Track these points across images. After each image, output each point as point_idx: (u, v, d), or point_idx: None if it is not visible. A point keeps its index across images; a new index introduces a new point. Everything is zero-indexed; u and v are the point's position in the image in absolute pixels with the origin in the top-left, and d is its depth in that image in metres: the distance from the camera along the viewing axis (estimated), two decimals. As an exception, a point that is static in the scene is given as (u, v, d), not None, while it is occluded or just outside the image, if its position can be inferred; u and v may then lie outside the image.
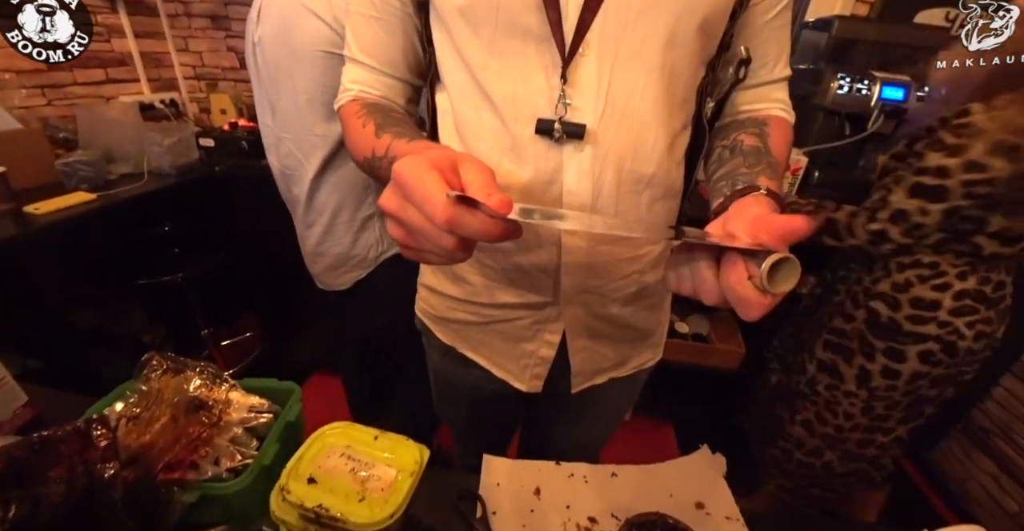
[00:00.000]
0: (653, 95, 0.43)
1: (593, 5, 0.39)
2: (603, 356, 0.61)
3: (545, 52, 0.41)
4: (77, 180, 1.27)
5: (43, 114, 1.41)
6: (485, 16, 0.41)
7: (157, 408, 0.39)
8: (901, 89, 1.18)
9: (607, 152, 0.44)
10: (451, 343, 0.63)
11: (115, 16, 1.57)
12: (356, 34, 0.50)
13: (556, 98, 0.42)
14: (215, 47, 1.79)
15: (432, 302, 0.63)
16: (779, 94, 0.53)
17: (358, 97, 0.51)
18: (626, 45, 0.41)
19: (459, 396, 0.71)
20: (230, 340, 1.83)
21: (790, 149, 0.50)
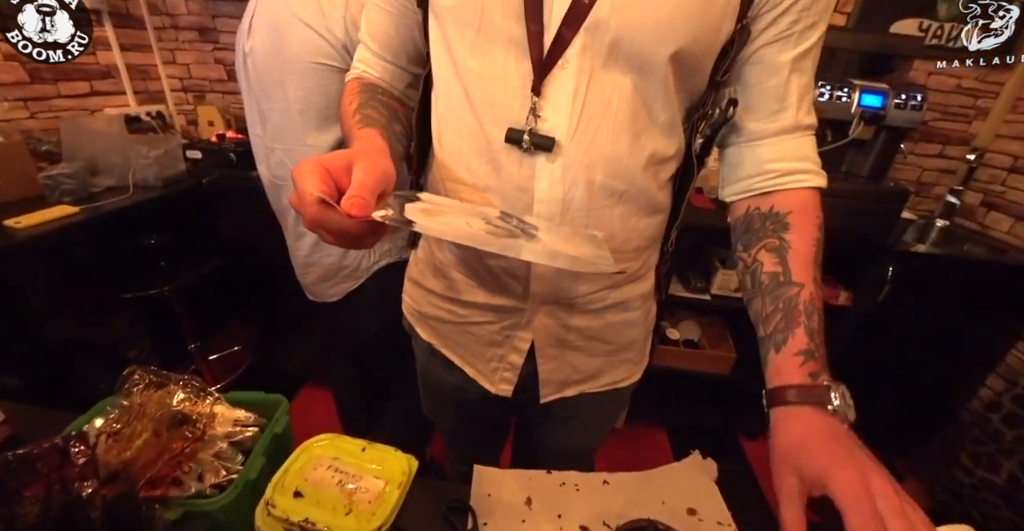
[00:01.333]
0: (626, 116, 0.43)
1: (574, 22, 0.40)
2: (572, 367, 0.60)
3: (523, 62, 0.42)
4: (60, 193, 1.25)
5: (26, 127, 1.39)
6: (470, 17, 0.42)
7: (139, 423, 0.38)
8: (879, 96, 1.22)
9: (578, 165, 0.44)
10: (429, 340, 0.64)
11: (101, 29, 1.56)
12: (368, 20, 0.55)
13: (528, 108, 0.43)
14: (203, 59, 1.79)
15: (415, 296, 0.64)
16: (806, 150, 0.48)
17: (360, 76, 0.56)
18: (601, 64, 0.41)
19: (445, 397, 0.71)
20: (218, 354, 1.80)
21: (820, 235, 0.46)
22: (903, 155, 1.47)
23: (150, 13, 1.71)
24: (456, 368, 0.62)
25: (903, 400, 1.54)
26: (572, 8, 0.39)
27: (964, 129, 1.57)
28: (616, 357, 0.62)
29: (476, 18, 0.42)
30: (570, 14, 0.39)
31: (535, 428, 0.75)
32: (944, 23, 1.44)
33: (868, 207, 1.25)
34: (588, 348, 0.59)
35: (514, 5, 0.40)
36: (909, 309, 1.37)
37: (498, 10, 0.41)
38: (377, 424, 1.35)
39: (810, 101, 0.48)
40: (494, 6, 0.41)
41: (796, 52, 0.44)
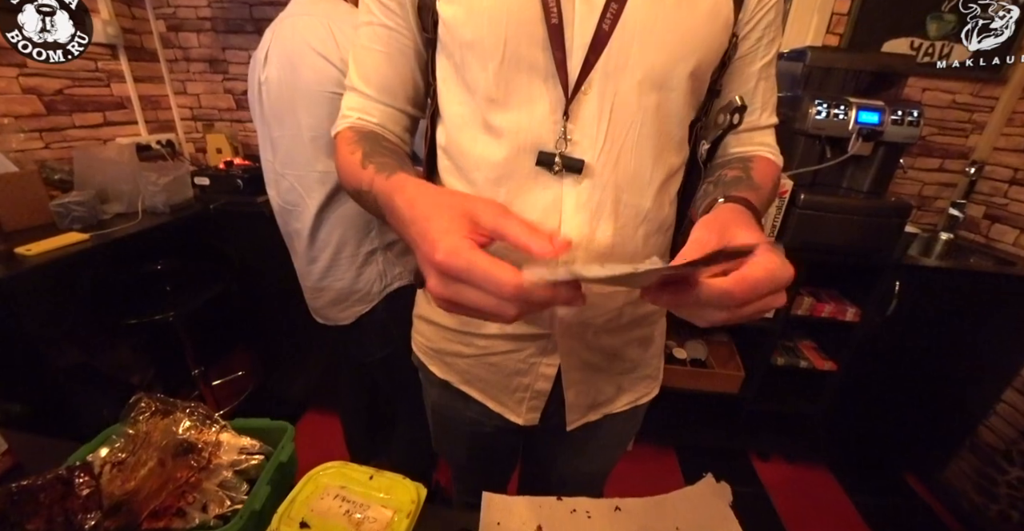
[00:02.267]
0: (649, 133, 0.45)
1: (597, 47, 0.42)
2: (598, 390, 0.60)
3: (551, 88, 0.43)
4: (70, 220, 1.27)
5: (40, 157, 1.42)
6: (493, 49, 0.43)
7: (144, 452, 0.38)
8: (876, 113, 1.23)
9: (604, 186, 0.46)
10: (446, 377, 0.62)
11: (116, 62, 1.62)
12: (358, 64, 0.52)
13: (558, 132, 0.44)
14: (212, 89, 1.84)
15: (427, 333, 0.62)
16: (766, 139, 0.55)
17: (354, 125, 0.52)
18: (625, 86, 0.43)
19: (458, 432, 0.69)
20: (221, 379, 1.79)
21: (776, 182, 0.52)
22: (903, 170, 1.47)
23: (163, 46, 1.77)
24: (474, 402, 0.61)
25: (917, 416, 1.50)
26: (596, 35, 0.41)
27: (962, 143, 1.58)
28: (636, 375, 0.62)
29: (499, 50, 0.42)
30: (594, 40, 0.41)
31: (549, 454, 0.73)
32: (935, 41, 1.47)
33: (871, 222, 1.25)
34: (611, 368, 0.59)
35: (538, 35, 0.42)
36: (919, 323, 1.35)
37: (523, 41, 0.42)
38: (382, 450, 1.33)
39: (774, 104, 0.55)
40: (518, 37, 0.42)
41: (763, 63, 0.50)
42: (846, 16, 1.47)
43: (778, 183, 0.53)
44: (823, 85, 1.35)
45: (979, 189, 1.55)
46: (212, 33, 1.74)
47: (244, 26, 1.71)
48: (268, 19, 1.67)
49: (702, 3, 0.43)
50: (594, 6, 0.41)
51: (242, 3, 1.67)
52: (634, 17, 0.41)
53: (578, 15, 0.41)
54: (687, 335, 1.60)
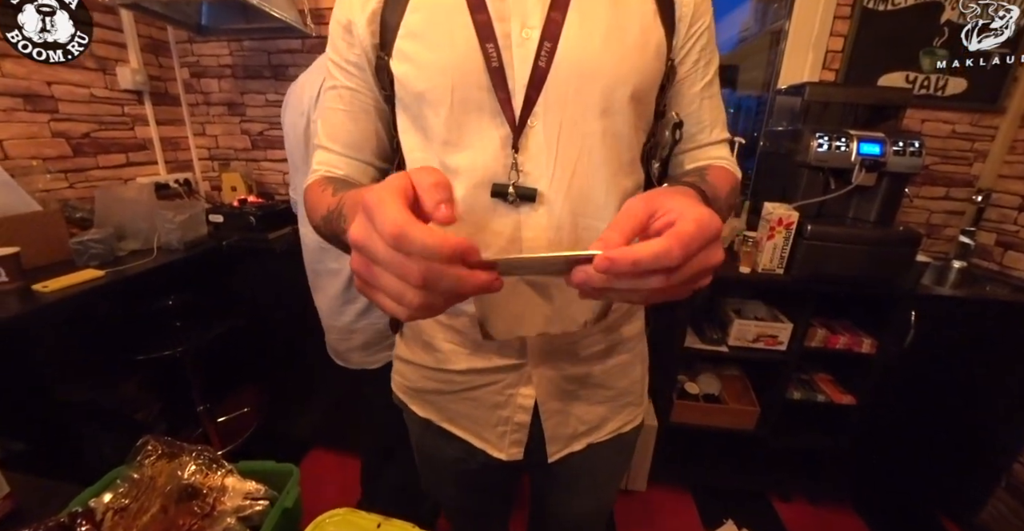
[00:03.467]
0: (598, 158, 0.48)
1: (537, 83, 0.45)
2: (577, 419, 0.60)
3: (498, 125, 0.47)
4: (88, 257, 1.30)
5: (64, 196, 1.48)
6: (443, 96, 0.46)
7: (147, 498, 0.37)
8: (877, 144, 1.25)
9: (560, 211, 0.48)
10: (427, 416, 0.62)
11: (141, 107, 1.71)
12: (325, 124, 0.56)
13: (509, 164, 0.47)
14: (230, 131, 1.92)
15: (406, 373, 0.64)
16: (720, 152, 0.58)
17: (324, 175, 0.56)
18: (568, 116, 0.46)
19: (445, 471, 0.68)
20: (226, 416, 1.76)
21: (733, 188, 0.54)
22: (909, 199, 1.48)
23: (186, 91, 1.87)
24: (456, 439, 0.61)
25: (946, 453, 1.43)
26: (533, 72, 0.45)
27: (966, 171, 1.59)
28: (618, 402, 0.62)
29: (448, 97, 0.46)
30: (532, 78, 0.45)
31: (545, 496, 0.71)
32: (930, 75, 1.51)
33: (881, 251, 1.24)
34: (590, 396, 0.59)
35: (482, 80, 0.45)
36: (939, 355, 1.32)
37: (469, 86, 0.46)
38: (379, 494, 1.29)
39: (723, 121, 0.58)
40: (464, 84, 0.45)
41: (704, 83, 0.54)
42: (840, 53, 1.52)
43: (736, 190, 0.55)
44: (821, 119, 1.38)
45: (988, 216, 1.54)
46: (232, 79, 1.83)
47: (262, 72, 1.80)
48: (285, 66, 1.77)
49: (630, 34, 0.47)
50: (529, 48, 0.45)
51: (261, 51, 1.77)
52: (567, 53, 0.45)
53: (516, 57, 0.45)
54: (698, 369, 1.57)
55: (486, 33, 0.45)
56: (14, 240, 1.16)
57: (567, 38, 0.45)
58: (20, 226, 1.23)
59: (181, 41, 1.80)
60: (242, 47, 1.78)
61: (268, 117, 1.86)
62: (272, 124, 1.88)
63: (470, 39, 0.45)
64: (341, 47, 0.52)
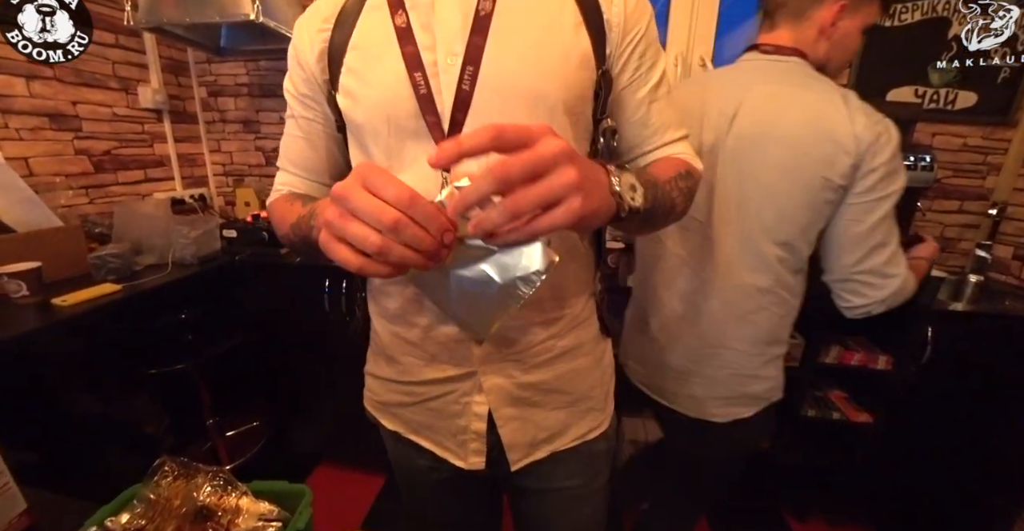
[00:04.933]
0: None
1: (462, 106, 0.47)
2: (535, 425, 0.59)
3: (430, 147, 0.49)
4: (106, 271, 1.33)
5: (84, 212, 1.52)
6: (380, 125, 0.50)
7: (163, 519, 0.38)
8: (887, 160, 1.24)
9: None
10: (395, 428, 0.64)
11: (160, 125, 1.76)
12: (285, 149, 0.61)
13: (441, 184, 0.49)
14: (245, 147, 1.96)
15: (373, 387, 0.66)
16: (677, 148, 0.58)
17: (290, 192, 0.60)
18: None
19: (420, 482, 0.69)
20: (235, 430, 1.77)
21: (679, 172, 0.53)
22: (922, 213, 1.47)
23: (203, 109, 1.92)
24: (425, 450, 0.63)
25: (969, 474, 1.39)
26: (457, 96, 0.47)
27: (979, 184, 1.58)
28: (578, 407, 0.61)
29: (384, 125, 0.49)
30: (456, 101, 0.47)
31: (524, 519, 0.71)
32: (939, 89, 1.51)
33: (894, 266, 1.22)
34: (547, 402, 0.59)
35: (412, 106, 0.48)
36: (958, 371, 1.29)
37: (400, 113, 0.48)
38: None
39: (675, 121, 0.57)
40: (396, 111, 0.48)
41: (648, 88, 0.54)
42: (848, 69, 1.52)
43: (687, 175, 0.53)
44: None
45: (1003, 230, 1.52)
46: (248, 97, 1.89)
47: (277, 91, 1.85)
48: (300, 84, 1.81)
49: (551, 49, 0.48)
50: (453, 73, 0.47)
51: (277, 71, 1.82)
52: (488, 75, 0.47)
53: (443, 83, 0.47)
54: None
55: (414, 63, 0.47)
56: (36, 254, 1.19)
57: (488, 60, 0.47)
58: (42, 241, 1.26)
59: (200, 62, 1.86)
60: (258, 67, 1.83)
61: (282, 134, 1.91)
62: (286, 141, 1.92)
63: (399, 71, 0.47)
64: (297, 81, 0.56)
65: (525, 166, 0.31)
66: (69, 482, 0.61)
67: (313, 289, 1.48)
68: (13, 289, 1.13)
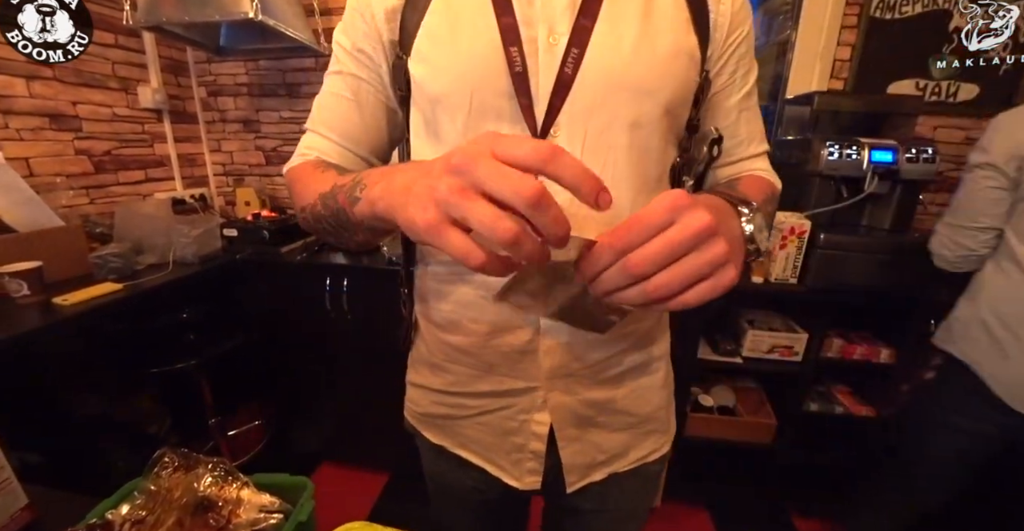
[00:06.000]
0: (624, 173, 0.46)
1: (561, 90, 0.43)
2: (596, 447, 0.55)
3: (518, 133, 0.44)
4: (107, 271, 1.33)
5: (85, 212, 1.52)
6: (461, 101, 0.44)
7: (164, 510, 0.37)
8: (890, 152, 1.24)
9: (581, 226, 0.44)
10: (440, 442, 0.59)
11: (160, 125, 1.76)
12: (322, 109, 0.53)
13: None
14: (245, 147, 1.97)
15: (417, 399, 0.61)
16: (758, 165, 0.56)
17: (318, 158, 0.52)
18: (594, 126, 0.44)
19: (459, 501, 0.65)
20: (237, 430, 1.77)
21: (769, 194, 0.52)
22: (923, 206, 1.46)
23: (203, 109, 1.92)
24: (472, 467, 0.58)
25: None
26: (558, 79, 0.43)
27: (982, 179, 1.57)
28: (641, 429, 0.57)
29: (466, 101, 0.44)
30: (557, 84, 0.43)
31: (558, 526, 0.68)
32: (940, 82, 1.50)
33: (896, 260, 1.22)
34: (611, 423, 0.55)
35: (503, 85, 0.43)
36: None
37: (488, 91, 0.43)
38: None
39: (760, 133, 0.56)
40: (484, 87, 0.43)
41: (742, 94, 0.52)
42: (848, 62, 1.52)
43: (773, 198, 0.52)
44: (831, 128, 1.37)
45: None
46: (248, 97, 1.89)
47: (277, 90, 1.85)
48: (299, 84, 1.81)
49: (662, 42, 0.44)
50: (556, 53, 0.43)
51: (276, 70, 1.82)
52: (595, 60, 0.43)
53: (541, 62, 0.43)
54: (712, 381, 1.54)
55: (511, 36, 0.42)
56: (37, 254, 1.19)
57: (595, 45, 0.43)
58: (43, 241, 1.26)
59: (200, 61, 1.86)
60: (258, 66, 1.83)
61: (282, 134, 1.91)
62: (286, 140, 1.92)
63: (493, 42, 0.43)
64: (355, 35, 0.49)
65: (671, 248, 0.27)
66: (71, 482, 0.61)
67: (314, 288, 1.47)
68: (14, 289, 1.13)
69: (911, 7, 1.46)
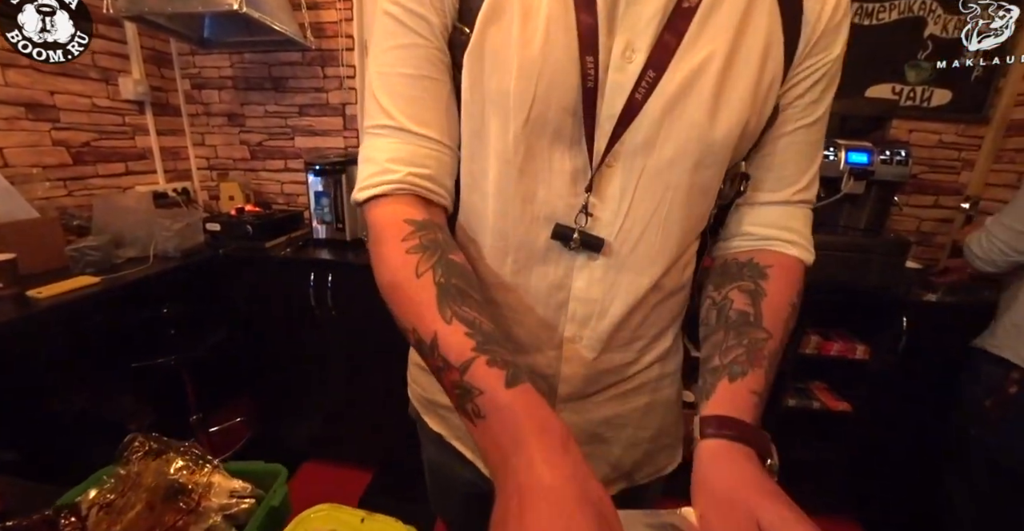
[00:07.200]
0: (677, 213, 0.41)
1: (626, 118, 0.37)
2: (608, 465, 0.53)
3: (574, 156, 0.39)
4: (84, 264, 1.31)
5: (62, 204, 1.49)
6: (517, 106, 0.37)
7: (133, 494, 0.37)
8: (865, 154, 1.27)
9: (621, 265, 0.42)
10: (439, 430, 0.57)
11: (142, 117, 1.73)
12: (393, 95, 0.40)
13: (578, 206, 0.40)
14: (229, 141, 1.94)
15: (421, 382, 0.57)
16: (795, 222, 0.46)
17: (403, 187, 0.40)
18: (654, 163, 0.39)
19: (456, 492, 0.63)
20: (219, 427, 1.75)
21: (796, 301, 0.44)
22: (898, 207, 1.50)
23: (187, 102, 1.90)
24: (468, 462, 0.55)
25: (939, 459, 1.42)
26: (628, 105, 0.37)
27: (954, 180, 1.62)
28: (656, 444, 0.55)
29: (525, 108, 0.37)
30: (624, 111, 0.37)
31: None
32: (915, 87, 1.54)
33: (871, 259, 1.25)
34: (621, 439, 0.52)
35: (570, 98, 0.37)
36: (934, 361, 1.32)
37: (553, 102, 0.37)
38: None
39: (811, 175, 0.45)
40: (549, 98, 0.37)
41: (800, 124, 0.43)
42: (828, 66, 1.55)
43: (798, 301, 0.44)
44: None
45: (977, 224, 1.56)
46: (232, 90, 1.86)
47: (263, 84, 1.83)
48: (285, 78, 1.80)
49: (750, 69, 0.37)
50: (630, 72, 0.37)
51: (262, 64, 1.80)
52: (670, 87, 0.36)
53: (611, 81, 0.37)
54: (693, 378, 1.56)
55: (589, 42, 0.36)
56: (11, 247, 1.17)
57: (675, 70, 0.36)
58: (17, 233, 1.24)
59: (183, 53, 1.83)
60: (243, 59, 1.81)
61: (267, 128, 1.89)
62: (271, 135, 1.90)
63: (569, 45, 0.36)
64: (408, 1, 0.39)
65: None
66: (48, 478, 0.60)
67: (299, 284, 1.46)
68: (-13, 281, 1.11)
69: (887, 14, 1.50)
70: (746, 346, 0.39)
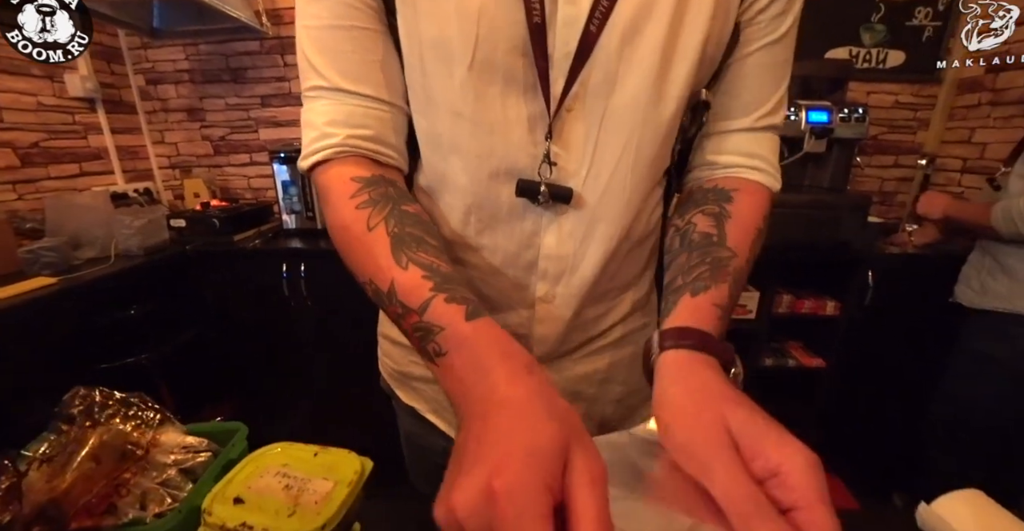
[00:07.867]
0: (643, 154, 0.39)
1: (583, 53, 0.34)
2: (590, 420, 0.52)
3: (529, 102, 0.36)
4: (39, 266, 1.26)
5: (12, 208, 1.43)
6: (460, 52, 0.34)
7: (78, 446, 0.36)
8: (825, 113, 1.30)
9: (592, 215, 0.40)
10: (412, 404, 0.55)
11: (93, 115, 1.67)
12: (323, 51, 0.37)
13: (539, 156, 0.37)
14: (190, 137, 1.89)
15: (393, 355, 0.55)
16: (760, 149, 0.43)
17: (345, 149, 0.37)
18: (616, 99, 0.36)
19: (434, 464, 0.62)
20: (200, 426, 1.71)
21: (760, 226, 0.41)
22: (860, 167, 1.54)
23: (142, 99, 1.83)
24: (442, 434, 0.54)
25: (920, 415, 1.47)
26: (583, 39, 0.34)
27: (911, 139, 1.67)
28: (637, 397, 0.53)
29: (468, 52, 0.34)
30: (580, 45, 0.34)
31: None
32: (871, 49, 1.58)
33: (834, 216, 1.28)
34: (601, 395, 0.51)
35: (518, 37, 0.34)
36: (901, 313, 1.36)
37: (499, 43, 0.34)
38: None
39: (778, 99, 0.42)
40: (493, 36, 0.34)
41: (762, 42, 0.39)
42: (784, 32, 1.58)
43: (764, 224, 0.41)
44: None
45: (935, 181, 1.61)
46: (190, 84, 1.81)
47: (221, 76, 1.78)
48: (244, 68, 1.75)
49: None
50: (582, 4, 0.34)
51: (219, 55, 1.75)
52: (626, 17, 0.33)
53: (561, 15, 0.34)
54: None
55: None
56: (-42, 249, 1.12)
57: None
58: (-35, 236, 1.18)
59: (134, 47, 1.77)
60: (198, 51, 1.76)
61: (229, 121, 1.84)
62: (234, 128, 1.85)
63: None
64: None
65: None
66: None
67: (271, 275, 1.43)
68: (-67, 284, 1.06)
69: (839, -24, 1.53)
70: (710, 264, 0.36)
